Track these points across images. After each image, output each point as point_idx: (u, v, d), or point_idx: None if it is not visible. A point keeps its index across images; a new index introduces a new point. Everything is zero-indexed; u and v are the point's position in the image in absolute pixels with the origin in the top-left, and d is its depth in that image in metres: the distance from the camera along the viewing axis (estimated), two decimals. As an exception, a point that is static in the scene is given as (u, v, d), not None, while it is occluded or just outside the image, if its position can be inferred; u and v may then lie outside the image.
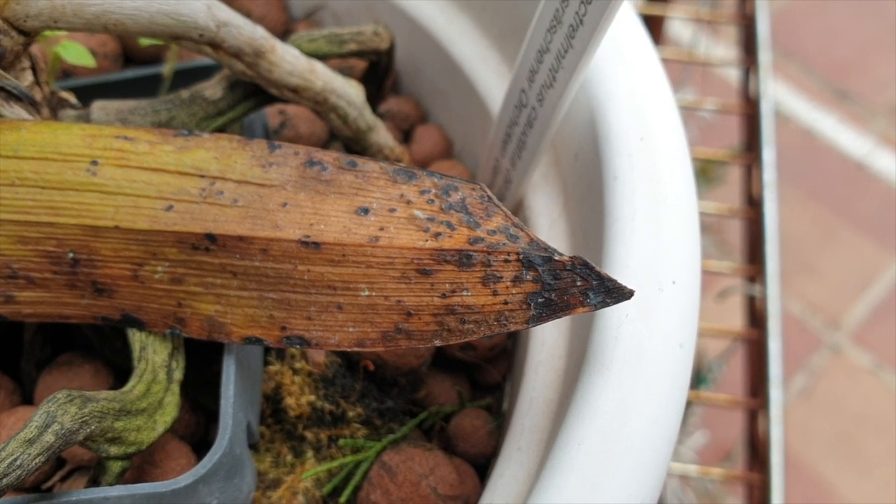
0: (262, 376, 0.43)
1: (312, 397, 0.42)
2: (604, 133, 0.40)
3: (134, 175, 0.36)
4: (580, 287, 0.32)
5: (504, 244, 0.33)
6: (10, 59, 0.38)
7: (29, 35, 0.38)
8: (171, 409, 0.37)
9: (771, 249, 0.61)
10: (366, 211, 0.35)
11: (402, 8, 0.54)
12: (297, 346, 0.36)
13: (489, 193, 0.35)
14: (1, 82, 0.38)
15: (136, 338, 0.37)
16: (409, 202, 0.35)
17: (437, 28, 0.52)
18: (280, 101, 0.44)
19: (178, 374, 0.37)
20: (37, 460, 0.32)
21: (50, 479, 0.40)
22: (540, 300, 0.32)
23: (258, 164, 0.36)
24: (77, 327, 0.44)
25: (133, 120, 0.41)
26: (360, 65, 0.52)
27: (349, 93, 0.44)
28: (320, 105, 0.44)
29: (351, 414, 0.43)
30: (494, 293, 0.33)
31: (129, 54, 0.56)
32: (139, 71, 0.49)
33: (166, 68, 0.48)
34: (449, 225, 0.34)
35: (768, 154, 0.66)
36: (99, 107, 0.41)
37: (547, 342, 0.42)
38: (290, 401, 0.42)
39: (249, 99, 0.43)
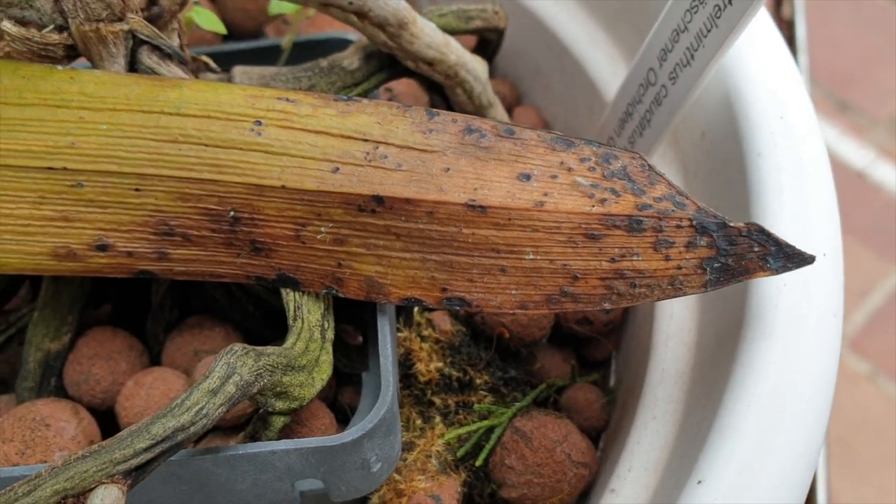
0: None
1: (440, 364, 0.43)
2: (743, 112, 0.41)
3: (298, 136, 0.37)
4: (758, 252, 0.33)
5: (673, 211, 0.34)
6: (166, 20, 0.39)
7: (187, -4, 0.38)
8: (326, 367, 0.37)
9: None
10: (528, 177, 0.36)
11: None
12: (457, 308, 0.36)
13: (648, 162, 0.36)
14: (156, 41, 0.38)
15: (290, 297, 0.38)
16: (569, 169, 0.36)
17: (544, 10, 0.53)
18: (410, 74, 0.44)
19: (329, 334, 0.38)
20: (220, 410, 0.32)
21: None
22: (716, 265, 0.33)
23: (419, 130, 0.37)
24: (202, 291, 0.45)
25: (275, 86, 0.42)
26: (467, 42, 0.53)
27: (476, 68, 0.45)
28: (451, 79, 0.44)
29: (478, 381, 0.43)
30: (667, 258, 0.34)
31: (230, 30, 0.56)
32: (256, 42, 0.50)
33: (286, 40, 0.49)
34: (613, 191, 0.35)
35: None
36: (241, 71, 0.42)
37: (675, 316, 0.43)
38: (420, 367, 0.43)
39: (383, 70, 0.44)
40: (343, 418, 0.41)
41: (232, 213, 0.37)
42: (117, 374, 0.41)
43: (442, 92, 0.47)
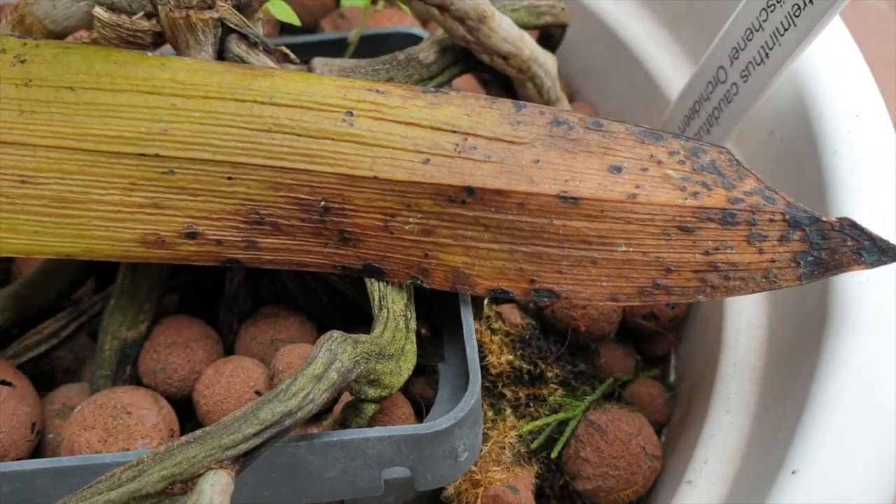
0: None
1: (511, 357, 0.43)
2: (817, 110, 0.42)
3: (389, 128, 0.37)
4: (851, 246, 0.33)
5: (764, 205, 0.35)
6: (254, 8, 0.39)
7: (276, -14, 0.39)
8: (410, 356, 0.37)
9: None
10: (618, 169, 0.36)
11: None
12: (545, 299, 0.37)
13: (736, 157, 0.37)
14: (244, 30, 0.38)
15: (374, 287, 0.38)
16: (659, 162, 0.36)
17: (603, 8, 0.53)
18: (482, 68, 0.45)
19: (412, 324, 0.38)
20: (324, 396, 0.32)
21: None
22: (809, 258, 0.34)
23: (507, 122, 0.37)
24: (273, 281, 0.45)
25: (355, 78, 0.42)
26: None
27: (547, 63, 0.45)
28: (523, 73, 0.45)
29: (549, 374, 0.44)
30: (760, 251, 0.34)
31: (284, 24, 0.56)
32: (323, 36, 0.50)
33: (353, 33, 0.49)
34: (704, 185, 0.36)
35: None
36: (321, 63, 0.42)
37: (744, 313, 0.43)
38: (491, 359, 0.43)
39: (457, 64, 0.44)
40: (415, 409, 0.41)
41: (322, 203, 0.37)
42: (194, 363, 0.41)
43: (505, 87, 0.47)
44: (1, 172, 0.36)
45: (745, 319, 0.43)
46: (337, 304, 0.44)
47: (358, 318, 0.45)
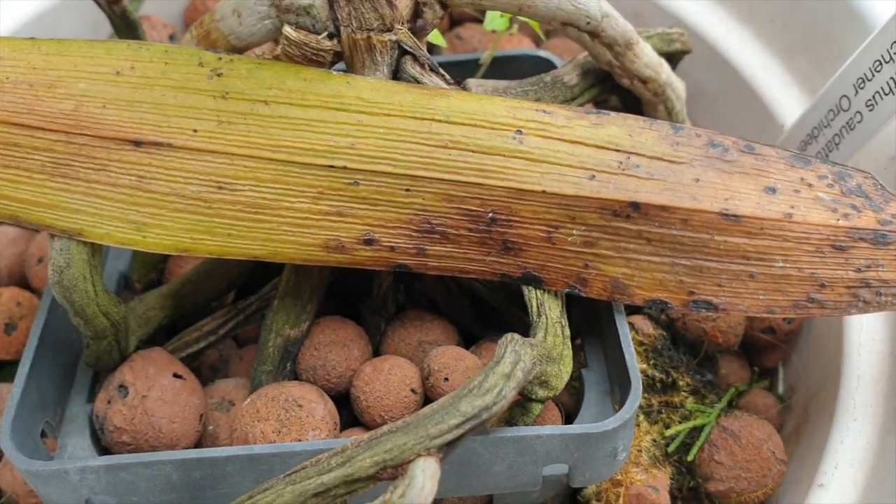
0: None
1: (644, 365, 0.46)
2: (943, 138, 0.44)
3: (556, 146, 0.39)
4: None
5: (913, 227, 0.37)
6: (427, 32, 0.42)
7: (446, 9, 0.41)
8: (568, 360, 0.40)
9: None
10: (773, 190, 0.39)
11: (676, 14, 0.58)
12: (703, 310, 0.39)
13: (880, 181, 0.39)
14: (418, 52, 0.41)
15: (531, 295, 0.41)
16: (810, 185, 0.39)
17: (716, 37, 0.56)
18: (621, 89, 0.47)
19: (567, 331, 0.40)
20: (513, 392, 0.35)
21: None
22: (959, 277, 0.36)
23: (666, 143, 0.40)
24: (411, 286, 0.48)
25: (512, 98, 0.45)
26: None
27: (679, 88, 0.48)
28: (657, 96, 0.47)
29: (681, 383, 0.46)
30: (912, 270, 0.37)
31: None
32: (454, 57, 0.53)
33: (485, 56, 0.52)
34: (853, 207, 0.38)
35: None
36: (475, 83, 0.45)
37: (865, 327, 0.46)
38: (627, 367, 0.45)
39: (596, 86, 0.47)
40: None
41: (490, 215, 0.39)
42: (350, 361, 0.44)
43: (632, 109, 0.50)
44: (200, 178, 0.38)
45: (867, 333, 0.45)
46: (475, 309, 0.47)
47: (492, 323, 0.48)
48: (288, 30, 0.40)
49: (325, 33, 0.40)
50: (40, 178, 0.37)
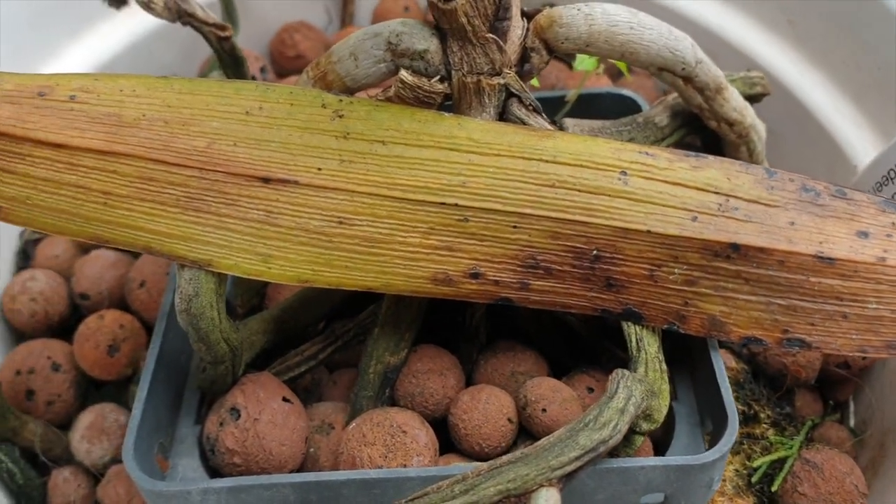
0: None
1: (727, 398, 0.47)
2: None
3: (659, 187, 0.41)
4: None
5: None
6: (532, 75, 0.44)
7: (552, 54, 0.43)
8: (666, 395, 0.41)
9: None
10: (865, 234, 0.41)
11: (751, 57, 0.59)
12: (797, 348, 0.41)
13: (968, 228, 0.41)
14: (523, 95, 0.43)
15: (631, 330, 0.42)
16: (902, 230, 0.41)
17: (789, 78, 0.58)
18: (706, 130, 0.49)
19: (664, 366, 0.42)
20: (626, 427, 0.36)
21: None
22: None
23: (762, 186, 0.42)
24: (501, 318, 0.49)
25: (603, 137, 0.46)
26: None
27: (761, 130, 0.50)
28: (741, 138, 0.49)
29: (762, 415, 0.48)
30: None
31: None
32: (541, 93, 0.54)
33: (571, 94, 0.54)
34: (945, 253, 0.40)
35: None
36: (572, 123, 0.47)
37: (943, 364, 0.47)
38: (711, 399, 0.47)
39: (684, 127, 0.49)
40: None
41: (594, 252, 0.41)
42: (447, 389, 0.45)
43: (712, 149, 0.52)
44: (323, 213, 0.40)
45: (945, 372, 0.47)
46: (565, 342, 0.49)
47: (580, 355, 0.49)
48: (405, 74, 0.42)
49: (437, 77, 0.42)
50: (174, 211, 0.39)
